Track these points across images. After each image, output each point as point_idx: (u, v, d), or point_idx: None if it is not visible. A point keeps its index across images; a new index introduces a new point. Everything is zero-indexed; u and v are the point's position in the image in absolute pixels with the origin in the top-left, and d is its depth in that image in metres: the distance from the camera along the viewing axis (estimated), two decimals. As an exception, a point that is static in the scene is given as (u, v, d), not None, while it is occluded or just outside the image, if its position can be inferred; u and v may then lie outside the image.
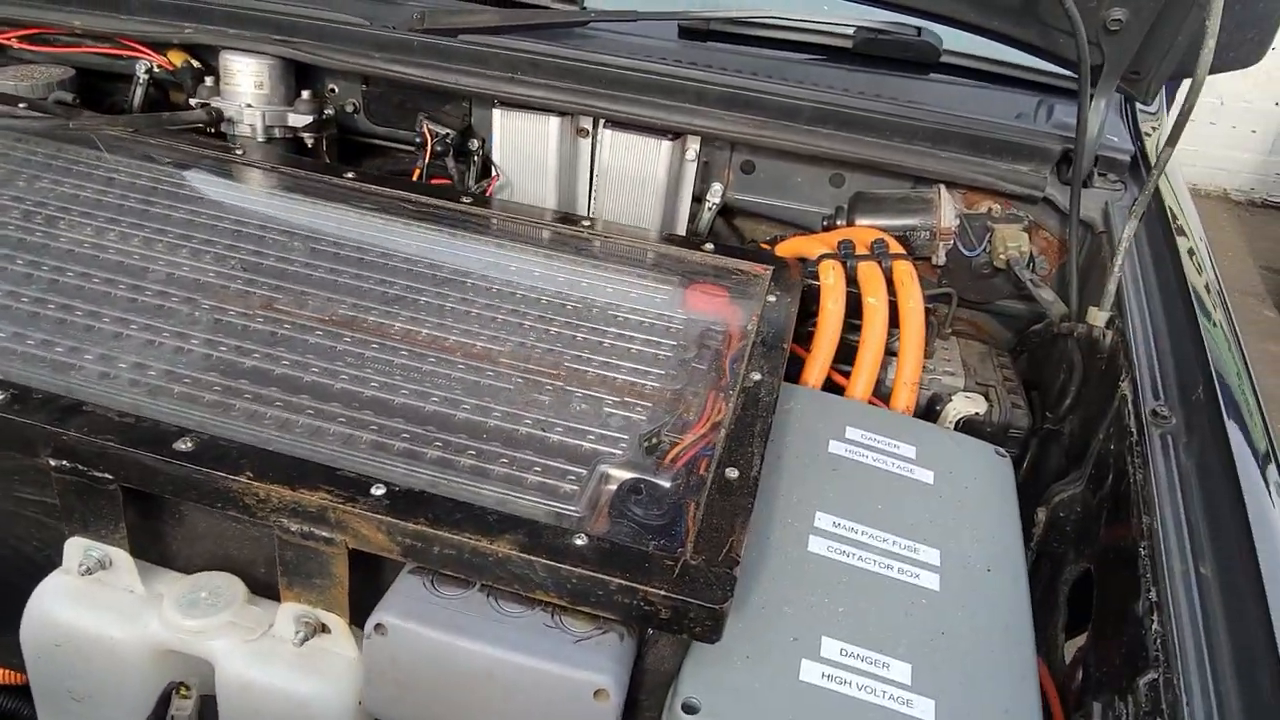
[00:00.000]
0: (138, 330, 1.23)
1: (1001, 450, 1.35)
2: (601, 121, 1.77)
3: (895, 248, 1.57)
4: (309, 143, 1.88)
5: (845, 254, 1.54)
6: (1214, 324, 1.44)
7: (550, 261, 1.53)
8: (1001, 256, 1.63)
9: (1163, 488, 1.10)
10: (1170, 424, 1.19)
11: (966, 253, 1.69)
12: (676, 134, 1.74)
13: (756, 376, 1.26)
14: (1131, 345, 1.32)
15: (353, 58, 1.79)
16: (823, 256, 1.54)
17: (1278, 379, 5.06)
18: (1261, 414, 1.25)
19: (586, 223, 1.62)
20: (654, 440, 1.16)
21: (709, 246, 1.59)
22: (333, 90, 1.95)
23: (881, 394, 1.50)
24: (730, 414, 1.19)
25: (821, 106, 1.70)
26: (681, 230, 1.89)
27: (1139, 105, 1.87)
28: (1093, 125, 1.65)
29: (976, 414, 1.53)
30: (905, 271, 1.52)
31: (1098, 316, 1.41)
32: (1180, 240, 1.63)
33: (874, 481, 1.23)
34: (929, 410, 1.58)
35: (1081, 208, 1.65)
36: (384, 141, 1.98)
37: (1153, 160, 1.76)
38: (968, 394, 1.56)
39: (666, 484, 1.09)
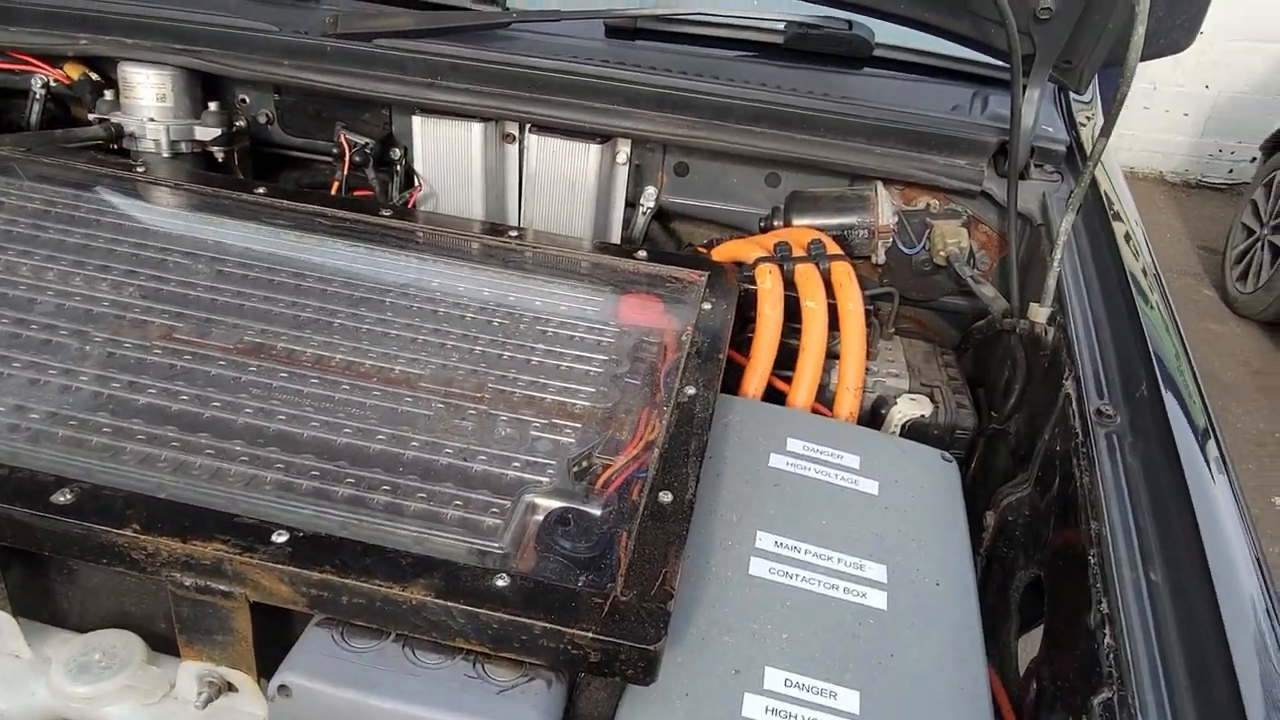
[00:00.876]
0: (20, 369, 1.13)
1: (947, 455, 1.31)
2: (527, 126, 1.70)
3: (832, 248, 1.52)
4: (219, 157, 1.78)
5: (781, 257, 1.49)
6: (1152, 306, 1.42)
7: (475, 275, 1.45)
8: (941, 253, 1.59)
9: (1109, 490, 1.07)
10: (1115, 423, 1.16)
11: (906, 250, 1.65)
12: (605, 137, 1.68)
13: (691, 391, 1.20)
14: (1074, 341, 1.29)
15: (260, 66, 1.69)
16: (759, 260, 1.49)
17: (1220, 359, 5.17)
18: (1203, 400, 1.22)
19: (514, 233, 1.55)
20: (584, 464, 1.10)
21: (642, 254, 1.53)
22: (243, 101, 1.85)
23: (825, 399, 1.46)
24: (664, 432, 1.13)
25: (754, 105, 1.65)
26: (616, 237, 1.83)
27: (1073, 95, 1.85)
28: (1027, 116, 1.62)
29: (922, 416, 1.49)
30: (843, 272, 1.47)
31: (1039, 313, 1.38)
32: (1117, 225, 1.61)
33: (817, 496, 1.18)
34: (874, 414, 1.54)
35: (1019, 200, 1.62)
36: (301, 153, 1.89)
37: (1088, 150, 1.74)
38: (912, 396, 1.52)
39: (597, 512, 1.02)
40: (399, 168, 1.80)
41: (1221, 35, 6.29)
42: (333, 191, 1.74)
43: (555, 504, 1.03)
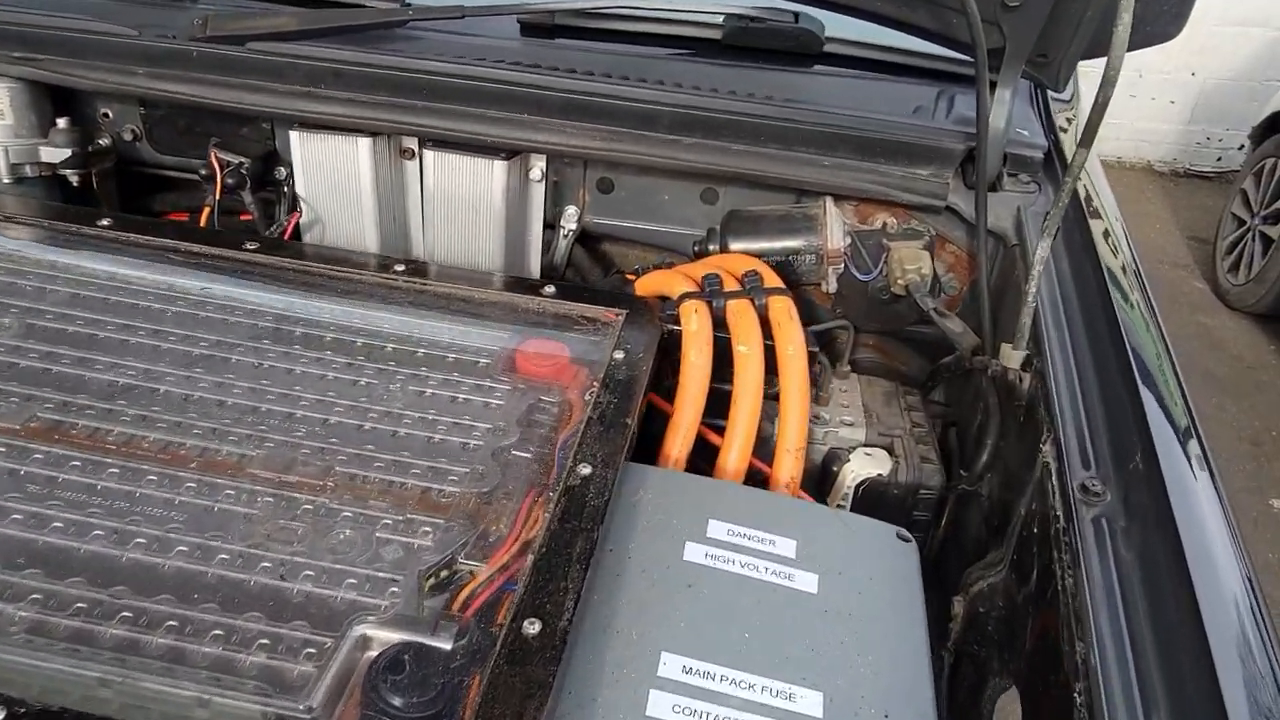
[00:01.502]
0: None
1: (904, 533, 1.09)
2: (424, 141, 1.47)
3: (771, 279, 1.30)
4: (74, 181, 1.55)
5: (710, 291, 1.27)
6: (1131, 305, 1.22)
7: (346, 323, 1.23)
8: (900, 281, 1.37)
9: (1098, 598, 0.85)
10: (1104, 502, 0.94)
11: (861, 277, 1.43)
12: (513, 151, 1.45)
13: (586, 471, 0.98)
14: (1053, 393, 1.07)
15: (112, 75, 1.46)
16: (684, 296, 1.27)
17: (1213, 353, 4.96)
18: (1209, 466, 1.01)
19: (400, 267, 1.32)
20: (440, 577, 0.88)
21: (549, 289, 1.31)
22: (106, 115, 1.62)
23: (769, 453, 1.23)
24: (544, 529, 0.91)
25: (683, 111, 1.43)
26: (534, 265, 1.61)
27: (1051, 94, 1.63)
28: (997, 119, 1.40)
29: (879, 476, 1.27)
30: (782, 310, 1.25)
31: (1011, 356, 1.16)
32: (1095, 223, 1.40)
33: (741, 598, 0.96)
34: (824, 472, 1.32)
35: (991, 216, 1.40)
36: (176, 173, 1.66)
37: (1069, 156, 1.52)
38: (868, 450, 1.31)
39: (447, 646, 0.80)
40: (286, 189, 1.57)
41: (1207, 20, 6.08)
42: (203, 219, 1.51)
43: (394, 637, 0.80)
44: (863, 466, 1.27)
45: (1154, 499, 0.92)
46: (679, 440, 1.18)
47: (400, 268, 1.32)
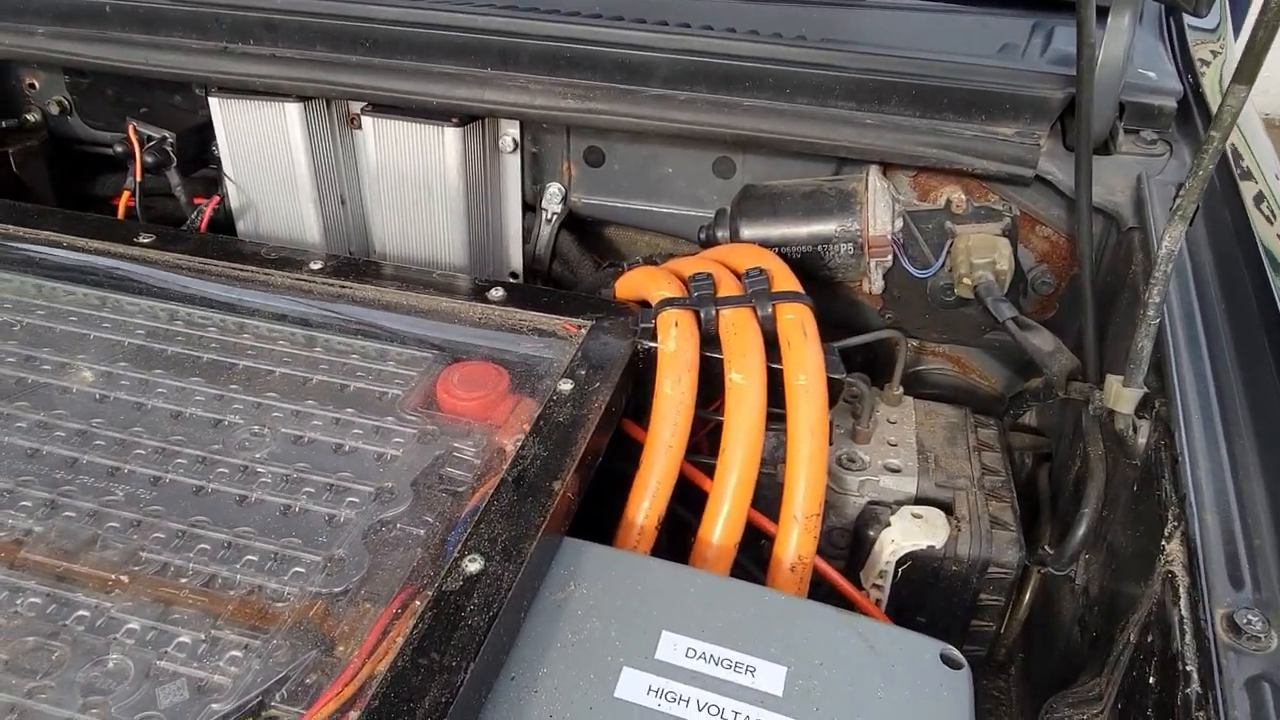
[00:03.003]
0: None
1: (954, 655, 0.75)
2: (363, 106, 1.19)
3: (783, 279, 0.96)
4: (-11, 162, 1.34)
5: (698, 297, 0.95)
6: None
7: (228, 343, 0.96)
8: (966, 280, 1.01)
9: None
10: (1267, 652, 0.59)
11: (917, 273, 1.08)
12: (469, 117, 1.16)
13: (474, 566, 0.69)
14: (1184, 458, 0.71)
15: (8, 36, 1.23)
16: (663, 304, 0.95)
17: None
18: None
19: (316, 265, 1.05)
20: (236, 732, 0.60)
21: (496, 293, 1.01)
22: (32, 86, 1.41)
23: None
24: (391, 659, 0.62)
25: (684, 58, 1.10)
26: (514, 256, 1.32)
27: (1188, 20, 1.23)
28: (1111, 55, 1.02)
29: (930, 548, 0.93)
30: (794, 324, 0.92)
31: (1122, 396, 0.79)
32: (1246, 187, 1.01)
33: (692, 764, 0.65)
34: (858, 537, 0.99)
35: (1099, 188, 1.03)
36: (113, 150, 1.43)
37: (1212, 106, 1.13)
38: (918, 510, 0.97)
39: None
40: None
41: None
42: (122, 203, 1.28)
43: (128, 845, 0.53)
44: (907, 535, 0.94)
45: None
46: (646, 503, 0.87)
47: (316, 266, 1.05)
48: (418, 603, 0.67)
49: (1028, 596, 1.01)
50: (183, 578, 0.70)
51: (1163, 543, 0.68)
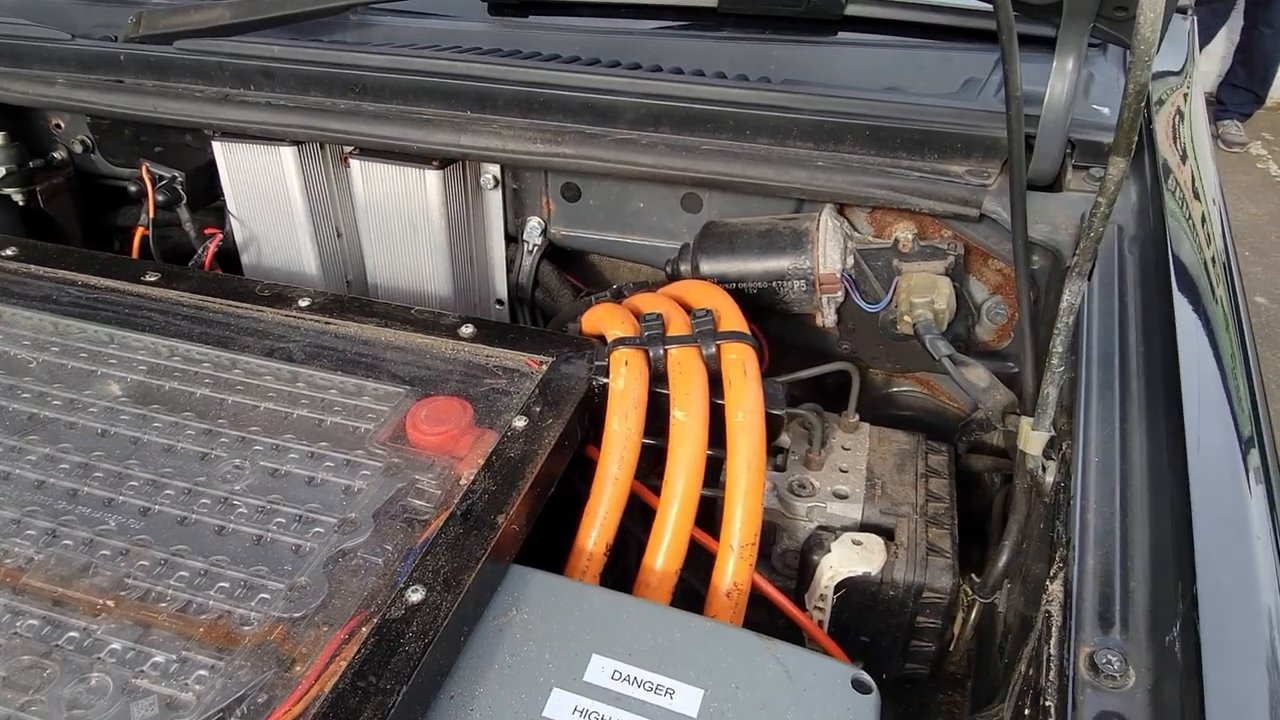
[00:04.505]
0: None
1: (864, 679, 0.81)
2: (349, 150, 1.27)
3: (729, 319, 1.02)
4: (19, 200, 1.45)
5: (648, 336, 1.01)
6: (1231, 354, 0.88)
7: (220, 379, 1.05)
8: (906, 318, 1.06)
9: None
10: (1121, 690, 0.64)
11: (868, 307, 1.13)
12: (447, 160, 1.23)
13: (417, 596, 0.76)
14: (1076, 502, 0.76)
15: (31, 86, 1.34)
16: (616, 343, 1.01)
17: None
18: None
19: (305, 302, 1.14)
20: (198, 745, 0.69)
21: (467, 330, 1.09)
22: (58, 126, 1.51)
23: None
24: (333, 683, 0.70)
25: (648, 102, 1.16)
26: (498, 285, 1.39)
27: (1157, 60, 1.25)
28: (1056, 92, 1.06)
29: (866, 574, 0.99)
30: (735, 364, 0.97)
31: (1031, 440, 0.84)
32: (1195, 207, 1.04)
33: (606, 779, 0.72)
34: (804, 562, 1.05)
35: (1043, 226, 1.07)
36: (127, 187, 1.54)
37: (1161, 145, 1.16)
38: (858, 537, 1.02)
39: None
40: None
41: None
42: (137, 238, 1.38)
43: (98, 843, 0.62)
44: (844, 562, 0.99)
45: (1193, 697, 0.61)
46: (594, 531, 0.94)
47: (304, 303, 1.13)
48: (364, 629, 0.75)
49: (973, 618, 1.06)
50: (162, 603, 0.79)
51: (1048, 582, 0.73)
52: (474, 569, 0.79)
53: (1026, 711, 0.69)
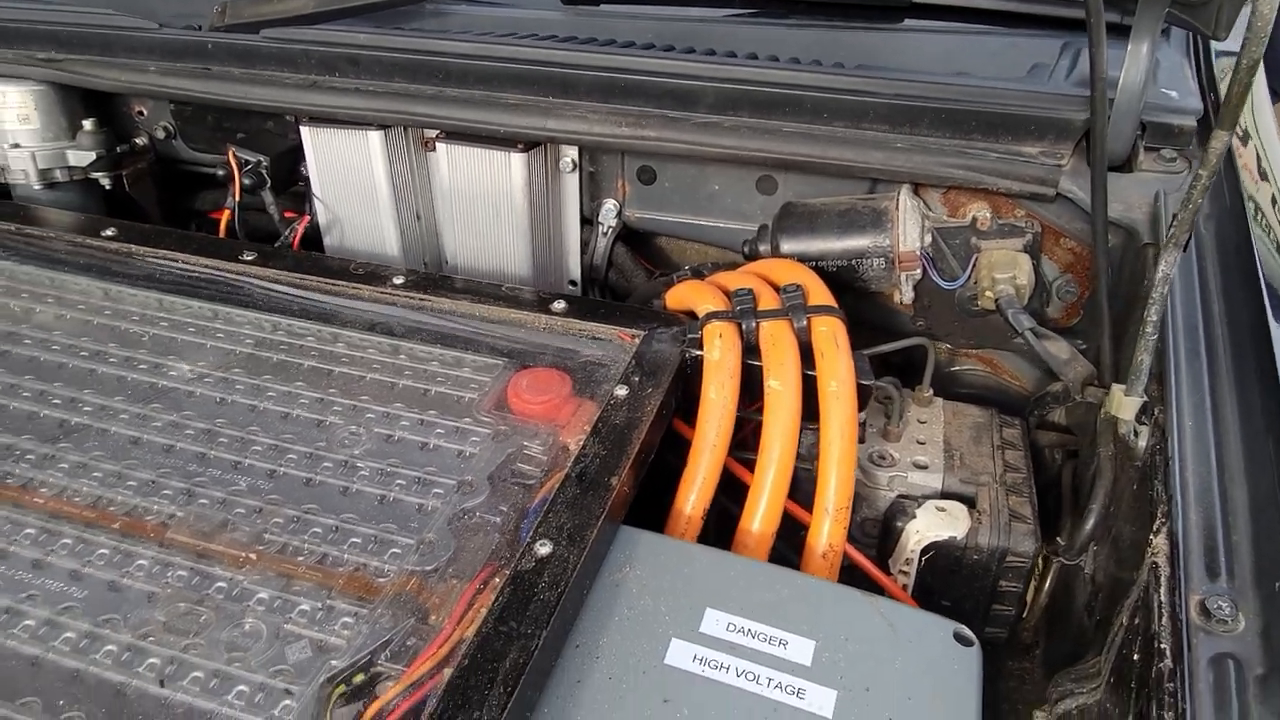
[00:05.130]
0: None
1: (966, 633, 0.85)
2: (436, 133, 1.31)
3: (817, 294, 1.06)
4: (106, 184, 1.50)
5: (740, 310, 1.05)
6: None
7: (325, 351, 1.09)
8: (988, 294, 1.10)
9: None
10: (1234, 634, 0.68)
11: (945, 285, 1.17)
12: (532, 143, 1.27)
13: (544, 549, 0.80)
14: (1174, 462, 0.80)
15: (125, 74, 1.38)
16: (709, 316, 1.05)
17: None
18: None
19: (399, 280, 1.18)
20: (353, 684, 0.73)
21: (559, 305, 1.13)
22: (141, 113, 1.56)
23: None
24: (475, 629, 0.74)
25: (729, 86, 1.20)
26: (573, 266, 1.43)
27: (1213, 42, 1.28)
28: (1132, 75, 1.09)
29: (951, 538, 1.02)
30: (827, 335, 1.01)
31: (1124, 404, 0.88)
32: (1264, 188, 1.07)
33: (730, 720, 0.76)
34: (887, 529, 1.08)
35: (1118, 205, 1.10)
36: (212, 170, 1.58)
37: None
38: (941, 504, 1.06)
39: (330, 788, 0.65)
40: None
41: None
42: (223, 221, 1.42)
43: (272, 770, 0.66)
44: (930, 526, 1.03)
45: (1310, 636, 0.65)
46: (693, 495, 0.98)
47: (398, 280, 1.18)
48: (497, 580, 0.79)
49: (1048, 584, 1.09)
50: (299, 556, 0.83)
51: (1151, 536, 0.77)
52: (595, 525, 0.83)
53: (1136, 658, 0.73)
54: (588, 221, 1.40)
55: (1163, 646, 0.68)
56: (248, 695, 0.71)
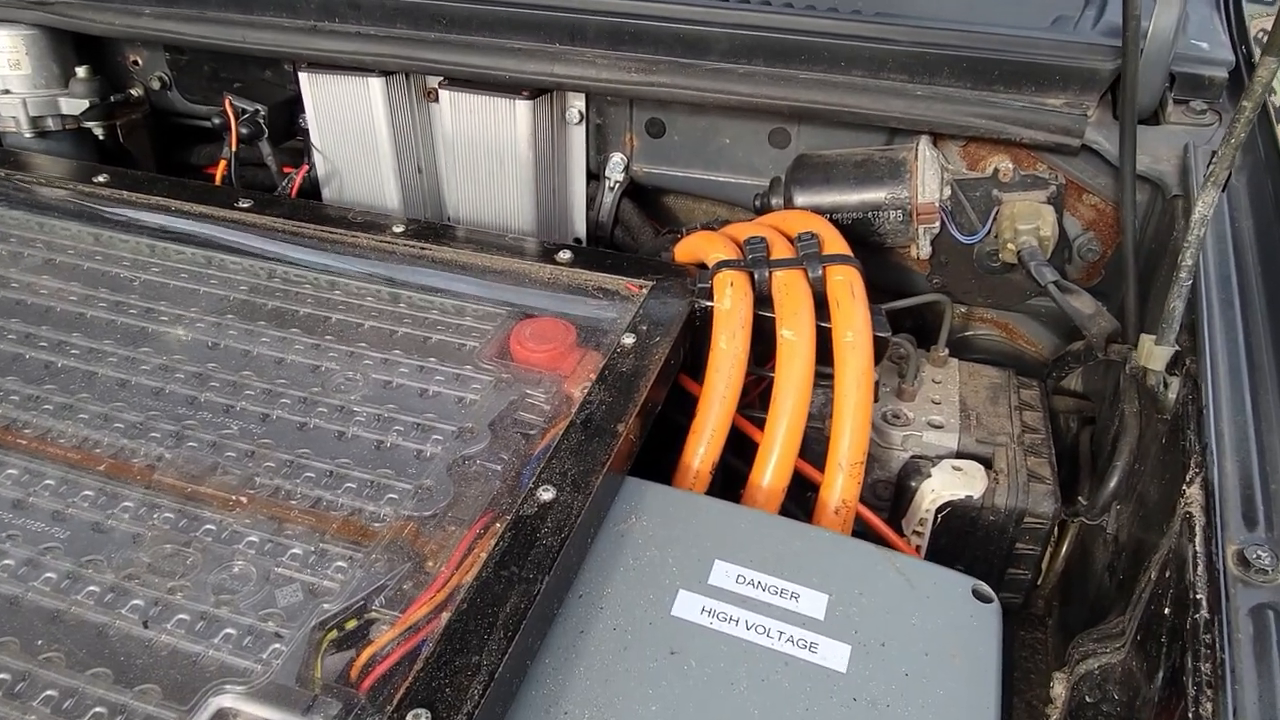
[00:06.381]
0: None
1: (984, 589, 0.81)
2: (440, 80, 1.27)
3: (833, 243, 1.02)
4: (99, 133, 1.46)
5: (752, 259, 1.01)
6: None
7: (321, 298, 1.06)
8: (1010, 246, 1.06)
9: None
10: (1274, 584, 0.64)
11: (964, 239, 1.13)
12: (539, 90, 1.23)
13: (547, 495, 0.77)
14: (1209, 411, 0.76)
15: (119, 17, 1.34)
16: (719, 265, 1.02)
17: None
18: None
19: (398, 229, 1.14)
20: (344, 629, 0.70)
21: (564, 255, 1.09)
22: (135, 63, 1.52)
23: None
24: (476, 573, 0.71)
25: (742, 32, 1.16)
26: (577, 221, 1.39)
27: (1245, -10, 1.24)
28: (1161, 25, 1.05)
29: (968, 497, 0.99)
30: (843, 285, 0.98)
31: (1154, 354, 0.84)
32: None
33: (740, 673, 0.73)
34: (901, 488, 1.05)
35: (1146, 157, 1.06)
36: (209, 123, 1.54)
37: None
38: (958, 463, 1.03)
39: (320, 733, 0.62)
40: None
41: None
42: (219, 173, 1.38)
43: (256, 716, 0.63)
44: (946, 485, 0.99)
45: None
46: (701, 448, 0.94)
47: (398, 229, 1.14)
48: (498, 525, 0.76)
49: (1065, 548, 1.06)
50: (292, 500, 0.80)
51: (1184, 487, 0.73)
52: (599, 472, 0.79)
53: (1167, 611, 0.69)
54: (594, 177, 1.36)
55: (1198, 598, 0.65)
56: (235, 638, 0.68)
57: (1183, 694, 0.62)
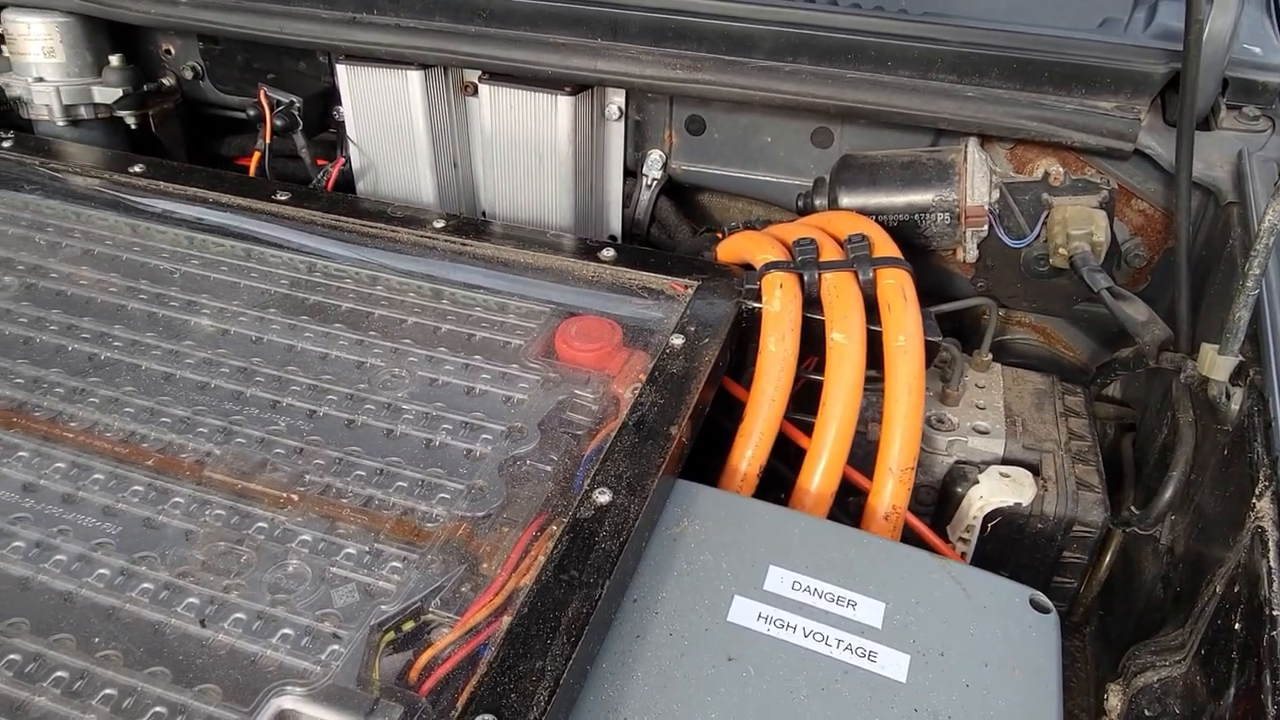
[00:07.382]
0: None
1: (1042, 600, 0.80)
2: (480, 75, 1.26)
3: (883, 245, 1.01)
4: (131, 123, 1.45)
5: (802, 261, 1.00)
6: None
7: (362, 294, 1.05)
8: (1062, 250, 1.05)
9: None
10: (1354, 604, 0.63)
11: (1012, 243, 1.11)
12: (581, 85, 1.22)
13: (604, 498, 0.76)
14: (1277, 424, 0.75)
15: (156, 6, 1.33)
16: (768, 267, 1.00)
17: None
18: None
19: (439, 224, 1.13)
20: (402, 631, 0.69)
21: (608, 253, 1.08)
22: (168, 52, 1.51)
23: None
24: (534, 576, 0.70)
25: (789, 31, 1.14)
26: (614, 219, 1.38)
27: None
28: (1217, 30, 1.04)
29: (1016, 505, 0.98)
30: (894, 288, 0.96)
31: (1216, 363, 0.83)
32: None
33: (798, 681, 0.72)
34: (946, 494, 1.04)
35: (1198, 163, 1.05)
36: (241, 113, 1.53)
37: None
38: (1005, 469, 1.01)
39: (382, 737, 0.61)
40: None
41: None
42: (252, 165, 1.37)
43: (322, 717, 0.62)
44: (995, 492, 0.98)
45: None
46: (749, 451, 0.93)
47: (439, 224, 1.13)
48: (553, 528, 0.75)
49: (1109, 558, 1.05)
50: (343, 498, 0.79)
51: (1254, 501, 0.72)
52: (654, 475, 0.78)
53: (1238, 627, 0.68)
54: (631, 173, 1.35)
55: (1275, 614, 0.64)
56: (293, 638, 0.67)
57: (1261, 712, 0.61)
